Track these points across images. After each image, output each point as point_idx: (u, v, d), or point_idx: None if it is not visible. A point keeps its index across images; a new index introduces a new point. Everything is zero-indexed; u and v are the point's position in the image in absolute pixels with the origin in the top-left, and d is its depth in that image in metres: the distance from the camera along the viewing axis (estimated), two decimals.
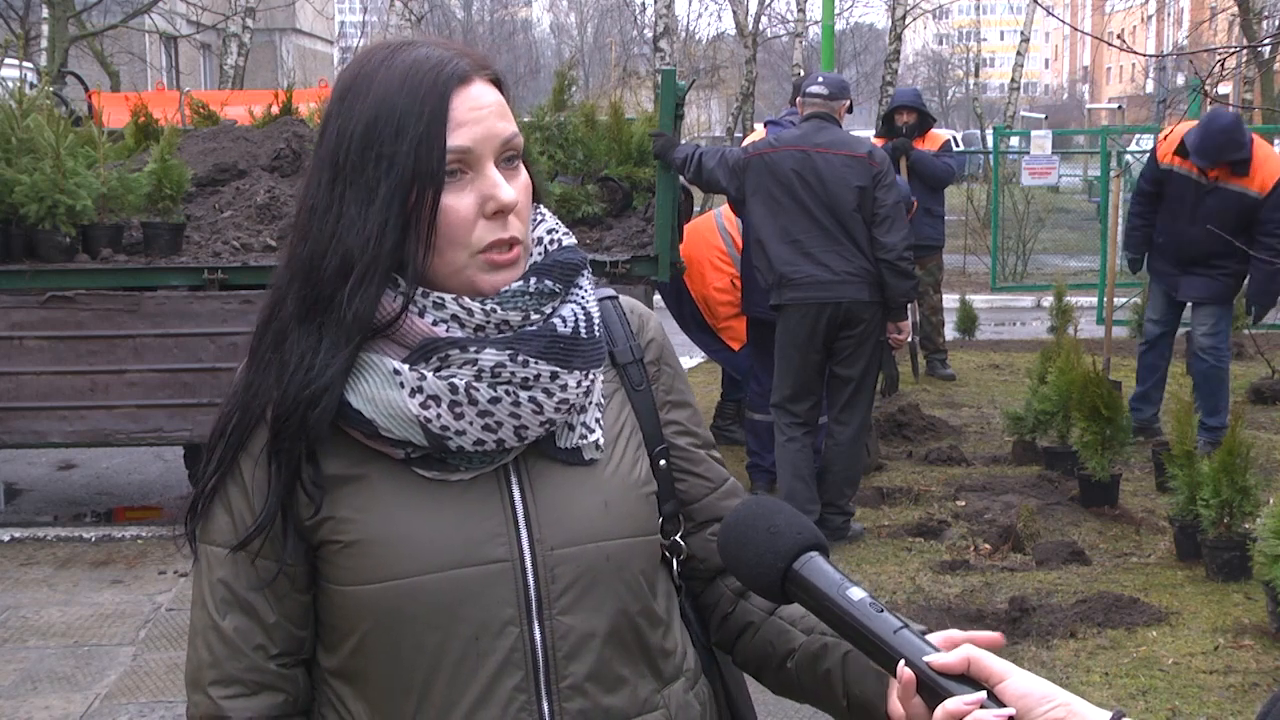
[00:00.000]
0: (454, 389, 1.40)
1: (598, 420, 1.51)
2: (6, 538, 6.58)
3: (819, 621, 1.53)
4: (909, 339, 6.75)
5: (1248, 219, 7.17)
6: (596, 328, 1.49)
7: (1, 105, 6.49)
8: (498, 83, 1.47)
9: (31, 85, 8.93)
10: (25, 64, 12.00)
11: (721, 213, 7.45)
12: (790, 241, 6.05)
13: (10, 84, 7.93)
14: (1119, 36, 6.40)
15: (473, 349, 1.41)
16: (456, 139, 1.40)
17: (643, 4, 30.52)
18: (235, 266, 6.46)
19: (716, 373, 8.40)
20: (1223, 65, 7.00)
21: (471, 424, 1.41)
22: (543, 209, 1.55)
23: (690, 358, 10.03)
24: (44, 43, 14.56)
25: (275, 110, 7.94)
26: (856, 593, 1.23)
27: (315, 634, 1.51)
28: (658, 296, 7.65)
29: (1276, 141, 19.70)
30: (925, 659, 1.17)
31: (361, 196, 1.40)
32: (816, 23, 21.00)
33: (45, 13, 14.91)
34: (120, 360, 6.37)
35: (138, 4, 16.90)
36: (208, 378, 6.37)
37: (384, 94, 1.40)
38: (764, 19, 26.95)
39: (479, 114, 1.41)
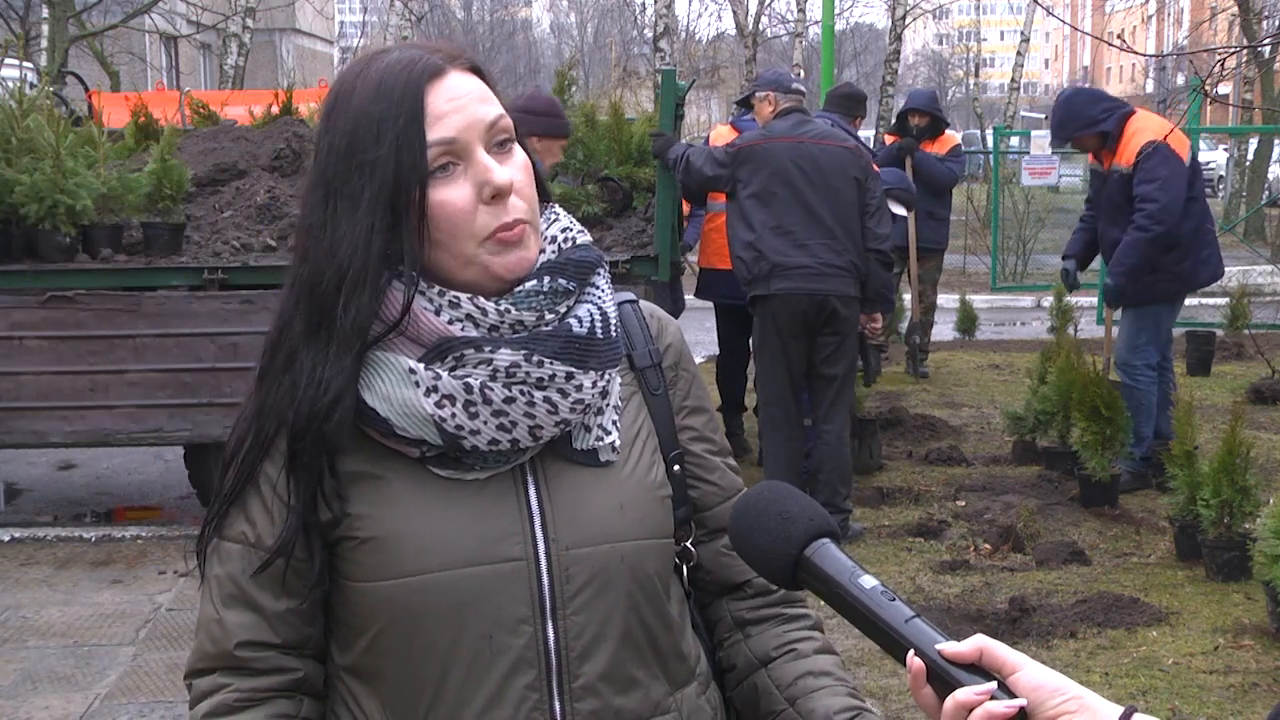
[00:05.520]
0: (469, 388, 1.40)
1: (614, 422, 1.50)
2: (6, 538, 6.58)
3: (803, 692, 1.56)
4: (880, 326, 6.77)
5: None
6: (613, 328, 1.49)
7: (1, 105, 6.49)
8: (478, 71, 1.46)
9: (31, 85, 8.92)
10: (25, 64, 11.98)
11: None
12: (784, 233, 6.03)
13: (10, 84, 7.92)
14: (1119, 36, 6.39)
15: (488, 348, 1.41)
16: (438, 131, 1.40)
17: (643, 4, 30.57)
18: (235, 266, 6.46)
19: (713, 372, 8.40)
20: (1223, 65, 6.98)
21: (486, 423, 1.41)
22: (557, 208, 1.55)
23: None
24: (44, 43, 14.55)
25: (275, 110, 7.94)
26: (868, 580, 1.22)
27: (329, 630, 1.52)
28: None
29: (1278, 143, 19.72)
30: (936, 648, 1.16)
31: (349, 207, 1.41)
32: (816, 23, 21.01)
33: (45, 13, 14.90)
34: (120, 360, 6.36)
35: (138, 4, 16.88)
36: (208, 378, 6.37)
37: (361, 105, 1.41)
38: (764, 19, 26.98)
39: (458, 103, 1.41)
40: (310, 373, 1.41)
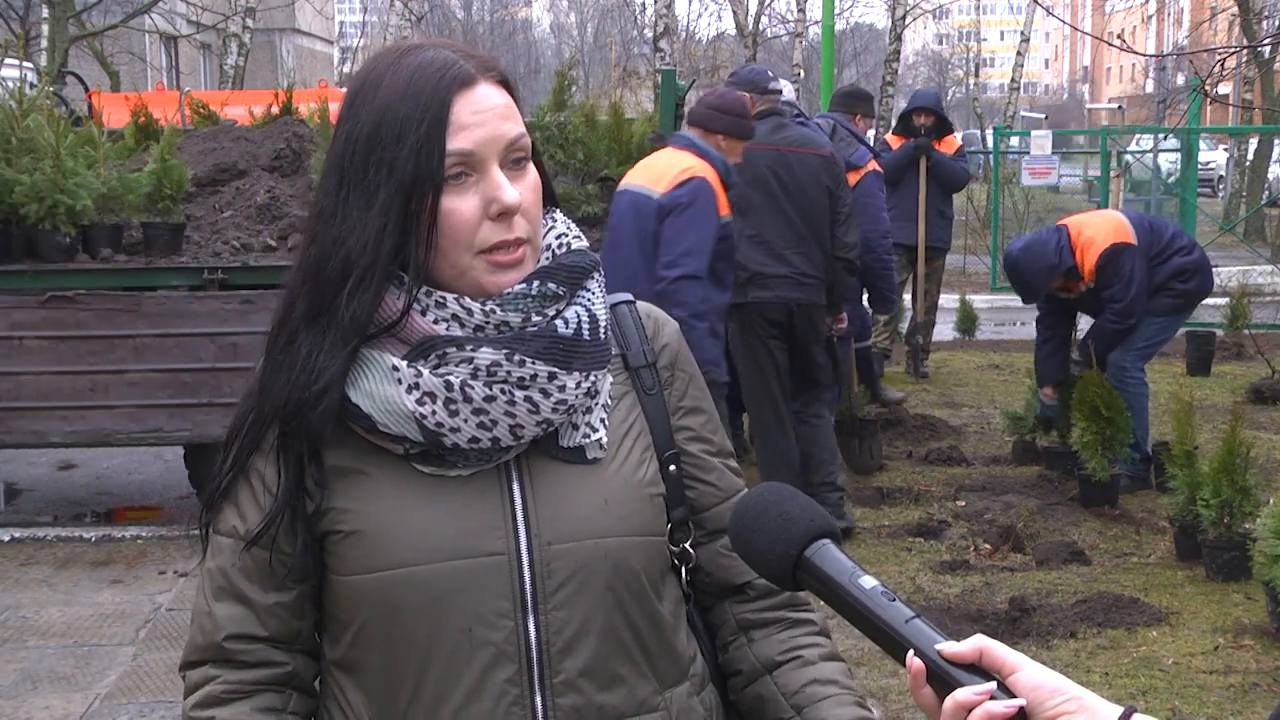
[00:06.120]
0: (449, 386, 1.41)
1: (603, 420, 1.51)
2: (6, 538, 6.58)
3: (809, 700, 1.55)
4: (846, 326, 6.77)
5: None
6: (601, 330, 1.49)
7: (1, 105, 6.49)
8: (506, 83, 1.47)
9: (31, 85, 8.92)
10: (25, 64, 11.99)
11: None
12: (761, 243, 6.01)
13: (10, 84, 7.92)
14: (1119, 36, 6.41)
15: (469, 347, 1.42)
16: (458, 142, 1.40)
17: (643, 4, 30.58)
18: (235, 266, 6.47)
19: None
20: (1223, 65, 7.00)
21: (466, 421, 1.42)
22: (557, 214, 1.56)
23: None
24: (44, 43, 14.55)
25: (275, 110, 7.95)
26: (868, 581, 1.22)
27: (320, 625, 1.54)
28: None
29: (1278, 143, 19.73)
30: (936, 648, 1.16)
31: (363, 201, 1.42)
32: (816, 23, 21.03)
33: (45, 13, 14.91)
34: (120, 360, 6.36)
35: (138, 4, 16.88)
36: (208, 378, 6.37)
37: (388, 99, 1.42)
38: (764, 19, 27.01)
39: (482, 116, 1.42)
40: (305, 359, 1.43)
